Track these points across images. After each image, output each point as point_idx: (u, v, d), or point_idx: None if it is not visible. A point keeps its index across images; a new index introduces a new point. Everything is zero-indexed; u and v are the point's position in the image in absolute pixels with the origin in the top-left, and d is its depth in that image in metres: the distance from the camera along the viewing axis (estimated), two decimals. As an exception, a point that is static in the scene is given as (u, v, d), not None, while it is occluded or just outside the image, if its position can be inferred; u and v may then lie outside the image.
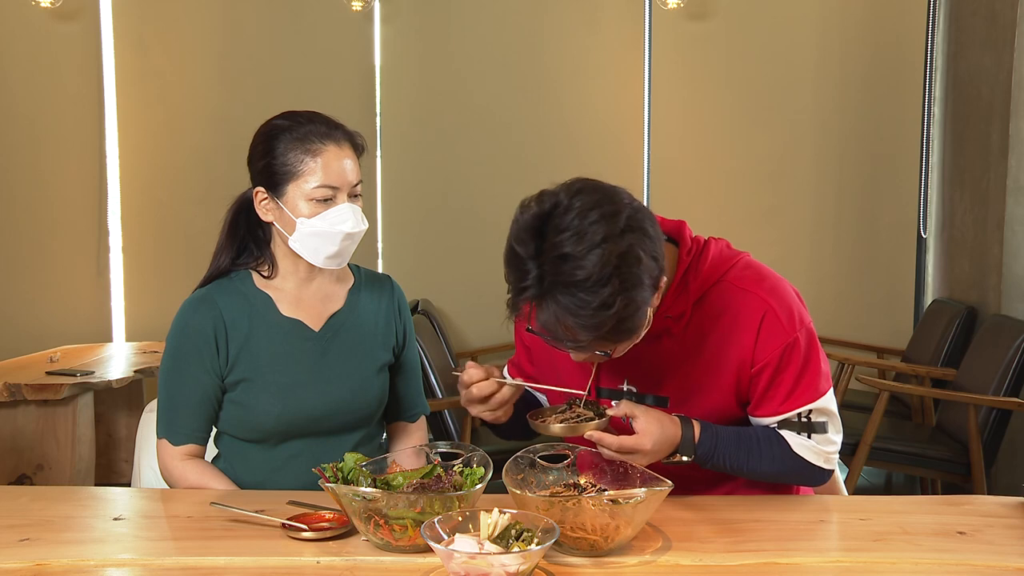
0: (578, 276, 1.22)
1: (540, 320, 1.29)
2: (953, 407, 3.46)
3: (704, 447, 1.44)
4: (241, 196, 1.71)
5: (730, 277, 1.48)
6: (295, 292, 1.69)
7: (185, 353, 1.63)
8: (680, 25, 4.58)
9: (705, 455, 1.44)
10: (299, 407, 1.64)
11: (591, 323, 1.25)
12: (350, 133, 1.66)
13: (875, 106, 4.55)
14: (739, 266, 1.50)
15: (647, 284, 1.28)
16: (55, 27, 4.50)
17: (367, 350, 1.72)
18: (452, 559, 1.09)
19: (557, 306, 1.25)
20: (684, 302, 1.47)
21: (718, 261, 1.49)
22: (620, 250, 1.24)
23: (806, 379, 1.46)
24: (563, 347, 1.34)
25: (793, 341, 1.44)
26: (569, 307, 1.24)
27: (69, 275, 4.62)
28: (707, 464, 1.45)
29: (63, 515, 1.43)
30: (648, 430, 1.38)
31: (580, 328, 1.26)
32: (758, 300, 1.46)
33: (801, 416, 1.47)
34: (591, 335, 1.27)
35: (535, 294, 1.27)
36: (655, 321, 1.43)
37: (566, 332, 1.28)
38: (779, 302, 1.46)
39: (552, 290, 1.25)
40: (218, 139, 4.43)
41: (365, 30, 4.63)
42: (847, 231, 4.64)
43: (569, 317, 1.25)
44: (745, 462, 1.47)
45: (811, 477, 1.51)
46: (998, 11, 3.87)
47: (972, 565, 1.22)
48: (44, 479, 3.28)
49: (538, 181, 1.40)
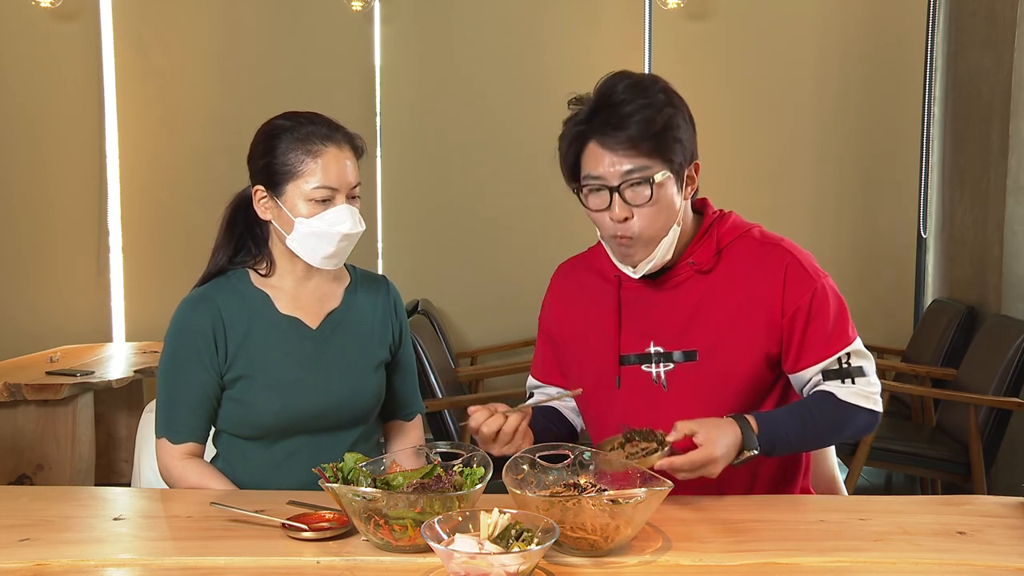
0: (635, 82, 1.46)
1: (589, 147, 1.46)
2: (953, 407, 3.46)
3: (766, 434, 1.45)
4: (239, 194, 1.72)
5: (753, 232, 1.58)
6: (293, 290, 1.70)
7: (184, 352, 1.64)
8: (680, 25, 4.58)
9: (769, 441, 1.45)
10: (298, 403, 1.64)
11: (642, 116, 1.41)
12: (350, 135, 1.67)
13: (875, 106, 4.55)
14: (758, 227, 1.61)
15: (684, 131, 1.46)
16: (55, 27, 4.50)
17: (364, 347, 1.73)
18: (452, 559, 1.09)
19: (612, 104, 1.43)
20: (708, 250, 1.54)
21: (739, 222, 1.60)
22: (669, 99, 1.47)
23: (840, 324, 1.52)
24: (603, 185, 1.44)
25: (820, 287, 1.51)
26: (626, 96, 1.43)
27: (69, 275, 4.62)
28: (774, 450, 1.47)
29: (63, 515, 1.43)
30: (711, 438, 1.39)
31: (630, 122, 1.41)
32: (781, 250, 1.54)
33: (842, 362, 1.51)
34: (639, 130, 1.41)
35: (590, 111, 1.47)
36: (679, 268, 1.54)
37: (615, 144, 1.42)
38: (800, 254, 1.55)
39: (609, 95, 1.45)
40: (218, 139, 4.43)
41: (365, 30, 4.63)
42: (847, 231, 4.64)
43: (625, 107, 1.42)
44: (805, 431, 1.49)
45: (865, 423, 1.53)
46: (998, 11, 3.87)
47: (972, 565, 1.22)
48: (44, 479, 3.27)
49: (538, 181, 1.43)
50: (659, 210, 1.46)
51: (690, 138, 1.49)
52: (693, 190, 1.54)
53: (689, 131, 1.50)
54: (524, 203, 4.64)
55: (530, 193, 4.62)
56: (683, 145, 1.47)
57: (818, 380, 1.53)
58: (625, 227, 1.47)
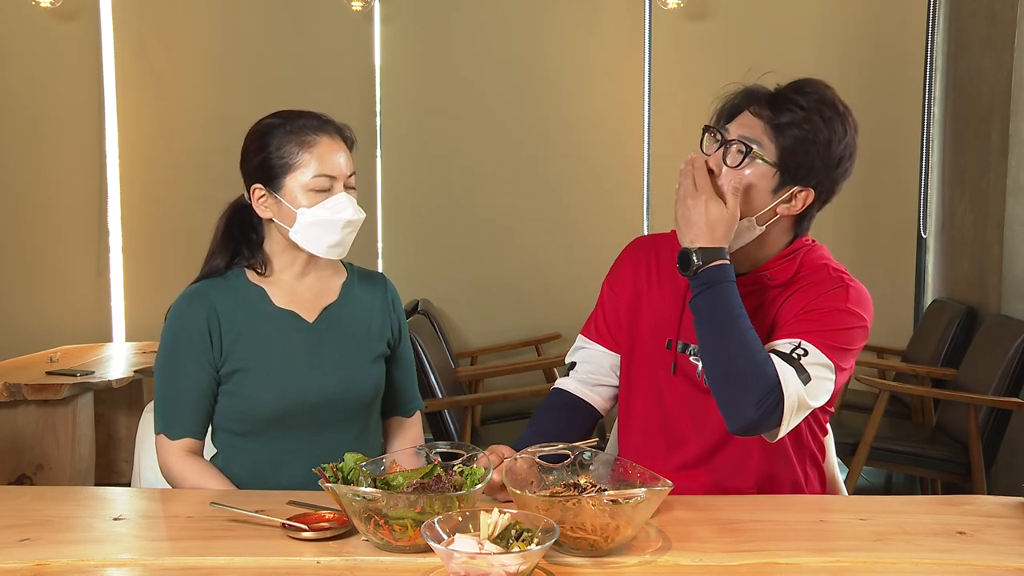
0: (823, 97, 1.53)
1: (744, 112, 1.54)
2: (953, 407, 3.46)
3: (709, 275, 1.41)
4: (233, 203, 1.74)
5: (831, 265, 1.56)
6: (289, 285, 1.71)
7: (180, 348, 1.65)
8: (680, 25, 4.58)
9: (703, 281, 1.42)
10: (295, 394, 1.65)
11: (798, 117, 1.47)
12: (340, 127, 1.69)
13: (875, 106, 4.54)
14: (842, 266, 1.57)
15: (822, 158, 1.47)
16: (55, 27, 4.50)
17: (362, 340, 1.73)
18: (452, 559, 1.09)
19: (791, 96, 1.52)
20: (787, 270, 1.54)
21: (827, 257, 1.58)
22: (834, 126, 1.49)
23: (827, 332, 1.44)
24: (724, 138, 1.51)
25: (846, 308, 1.47)
26: (805, 100, 1.51)
27: (69, 275, 4.62)
28: (696, 294, 1.42)
29: (63, 515, 1.43)
30: (722, 204, 1.44)
31: (787, 115, 1.48)
32: (843, 281, 1.51)
33: (795, 350, 1.41)
34: (785, 121, 1.47)
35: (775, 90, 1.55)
36: (753, 277, 1.53)
37: (759, 117, 1.50)
38: (857, 290, 1.51)
39: (798, 88, 1.55)
40: (218, 139, 4.42)
41: (365, 30, 4.63)
42: (847, 231, 4.64)
43: (795, 102, 1.50)
44: (720, 325, 1.40)
45: (762, 393, 1.36)
46: (998, 11, 3.87)
47: (972, 565, 1.22)
48: (44, 479, 3.27)
49: (538, 181, 1.42)
50: (741, 184, 1.47)
51: (824, 168, 1.49)
52: (793, 212, 1.51)
53: (828, 163, 1.49)
54: (524, 203, 4.64)
55: (530, 193, 4.62)
56: (808, 164, 1.47)
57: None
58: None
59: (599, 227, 4.55)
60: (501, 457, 1.44)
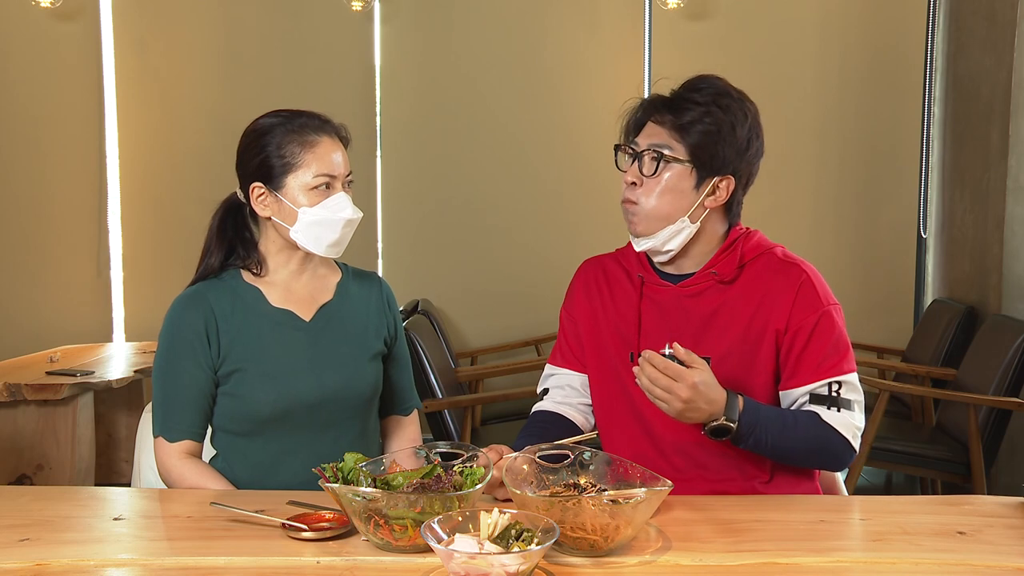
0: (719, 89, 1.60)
1: (648, 124, 1.59)
2: (953, 407, 3.46)
3: (748, 415, 1.45)
4: (226, 201, 1.74)
5: (775, 251, 1.62)
6: (285, 285, 1.72)
7: (178, 349, 1.65)
8: (680, 25, 4.58)
9: (749, 424, 1.45)
10: (293, 393, 1.65)
11: (699, 113, 1.53)
12: (337, 126, 1.71)
13: (875, 106, 4.55)
14: (781, 247, 1.65)
15: (731, 145, 1.53)
16: (55, 27, 4.50)
17: (359, 338, 1.74)
18: (452, 559, 1.09)
19: (685, 94, 1.58)
20: (731, 263, 1.58)
21: (764, 240, 1.64)
22: (734, 114, 1.55)
23: (838, 352, 1.53)
24: (634, 151, 1.58)
25: (827, 312, 1.54)
26: (698, 95, 1.56)
27: (69, 275, 4.62)
28: (748, 437, 1.46)
29: (63, 515, 1.43)
30: (701, 372, 1.40)
31: (686, 113, 1.53)
32: (798, 270, 1.57)
33: (831, 389, 1.52)
34: (687, 119, 1.53)
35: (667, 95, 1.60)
36: (700, 277, 1.58)
37: (662, 122, 1.55)
38: (816, 277, 1.58)
39: (691, 87, 1.61)
40: (218, 139, 4.40)
41: (365, 30, 4.63)
42: (847, 231, 4.64)
43: (691, 99, 1.56)
44: (783, 434, 1.49)
45: (840, 453, 1.52)
46: (998, 11, 3.87)
47: (972, 565, 1.22)
48: (44, 479, 3.27)
49: (538, 181, 1.43)
50: (664, 190, 1.54)
51: (735, 154, 1.55)
52: (720, 202, 1.58)
53: (738, 149, 1.55)
54: (524, 203, 4.64)
55: (530, 193, 4.62)
56: (720, 153, 1.53)
57: (804, 401, 1.54)
58: (631, 191, 1.58)
59: (599, 227, 4.54)
60: (500, 454, 1.44)
